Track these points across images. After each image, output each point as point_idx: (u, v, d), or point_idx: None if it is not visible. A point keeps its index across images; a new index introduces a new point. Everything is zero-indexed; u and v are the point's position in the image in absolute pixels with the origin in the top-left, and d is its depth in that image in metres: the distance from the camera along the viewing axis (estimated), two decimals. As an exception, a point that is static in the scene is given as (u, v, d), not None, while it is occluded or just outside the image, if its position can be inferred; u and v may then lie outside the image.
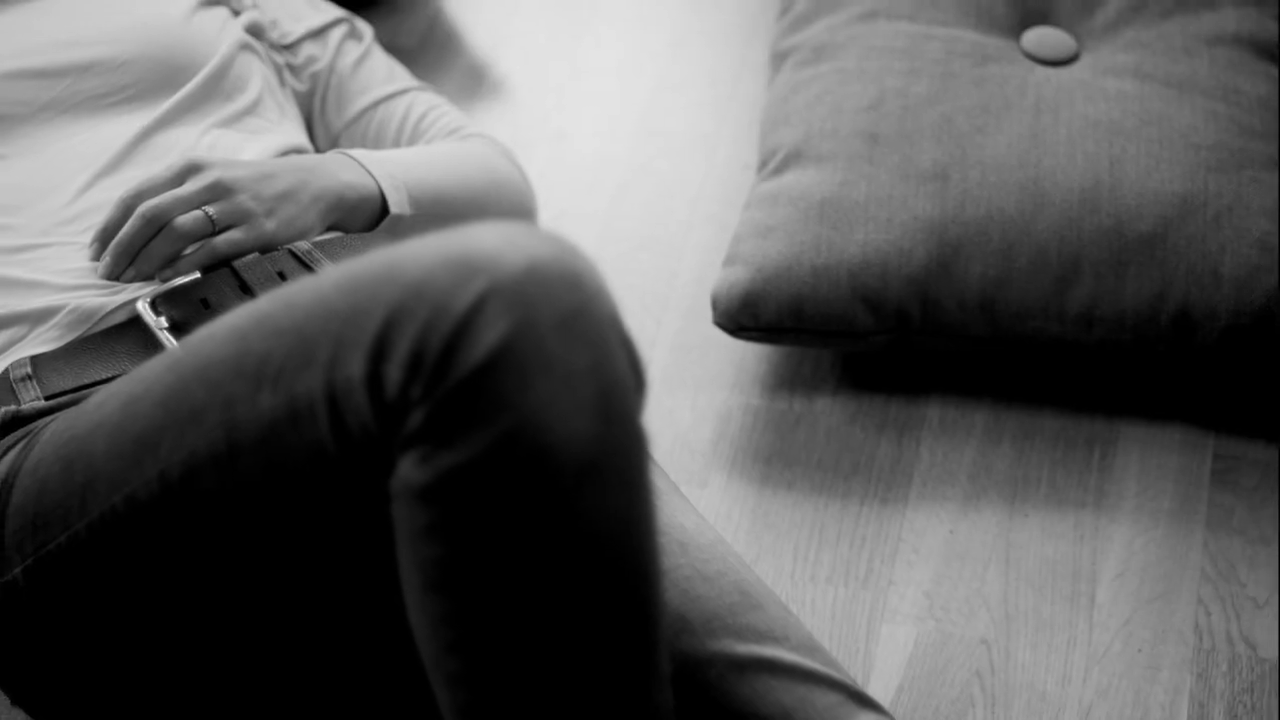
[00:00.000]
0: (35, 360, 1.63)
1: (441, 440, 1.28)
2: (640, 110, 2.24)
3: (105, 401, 1.49)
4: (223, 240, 1.67)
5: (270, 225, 1.69)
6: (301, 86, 1.97)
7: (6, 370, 1.63)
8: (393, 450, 1.31)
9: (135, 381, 1.47)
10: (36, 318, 1.65)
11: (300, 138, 1.88)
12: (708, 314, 2.02)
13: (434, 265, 1.30)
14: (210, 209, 1.67)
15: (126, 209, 1.67)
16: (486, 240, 1.30)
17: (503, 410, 1.27)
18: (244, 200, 1.69)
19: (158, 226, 1.66)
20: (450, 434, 1.27)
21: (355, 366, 1.31)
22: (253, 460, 1.38)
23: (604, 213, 2.13)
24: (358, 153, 1.80)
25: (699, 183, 2.16)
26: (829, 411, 1.96)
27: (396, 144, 1.97)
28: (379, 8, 2.32)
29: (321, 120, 1.99)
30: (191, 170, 1.69)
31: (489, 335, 1.27)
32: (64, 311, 1.65)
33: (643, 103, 2.25)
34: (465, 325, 1.27)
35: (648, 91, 2.26)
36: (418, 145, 1.97)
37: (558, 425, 1.27)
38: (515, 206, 1.95)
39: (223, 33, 1.88)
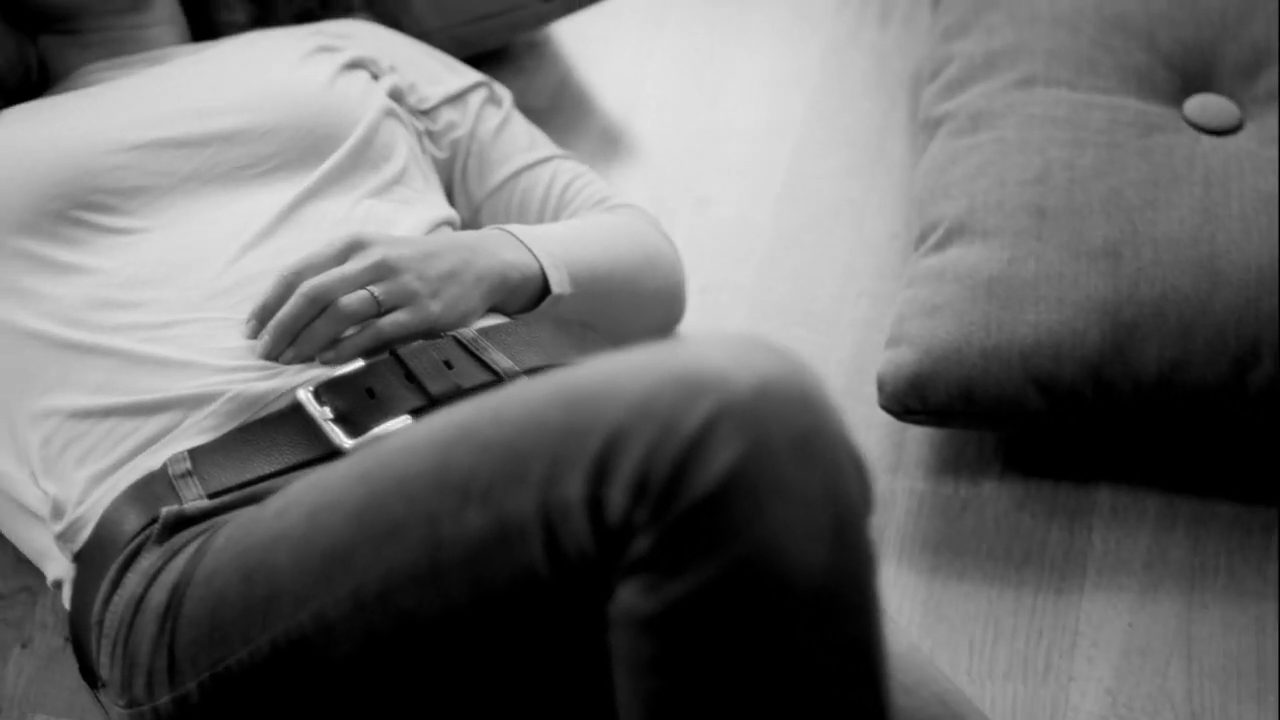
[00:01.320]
0: (194, 454, 1.56)
1: (669, 568, 1.22)
2: (782, 176, 2.17)
3: (286, 510, 1.42)
4: (388, 322, 1.61)
5: (435, 307, 1.63)
6: (441, 154, 1.91)
7: (165, 465, 1.57)
8: (612, 575, 1.25)
9: (320, 491, 1.40)
10: (191, 403, 1.59)
11: (448, 208, 1.82)
12: (867, 393, 1.96)
13: (658, 383, 1.24)
14: (375, 289, 1.61)
15: (288, 286, 1.61)
16: (712, 357, 1.24)
17: (736, 537, 1.21)
18: (409, 280, 1.63)
19: (321, 306, 1.60)
20: (679, 561, 1.21)
21: (573, 487, 1.25)
22: (457, 580, 1.31)
23: (752, 286, 2.06)
24: (516, 229, 1.74)
25: (849, 253, 2.09)
26: (996, 497, 1.89)
27: (541, 214, 1.91)
28: (506, 66, 2.26)
29: (463, 188, 1.92)
30: (355, 247, 1.63)
31: (721, 458, 1.21)
32: (222, 399, 1.58)
33: (784, 168, 2.18)
34: (695, 447, 1.21)
35: (789, 156, 2.19)
36: (564, 216, 1.91)
37: (793, 552, 1.21)
38: (668, 282, 1.89)
39: (366, 99, 1.82)
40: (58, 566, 1.65)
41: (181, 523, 1.54)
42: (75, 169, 1.71)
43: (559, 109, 2.24)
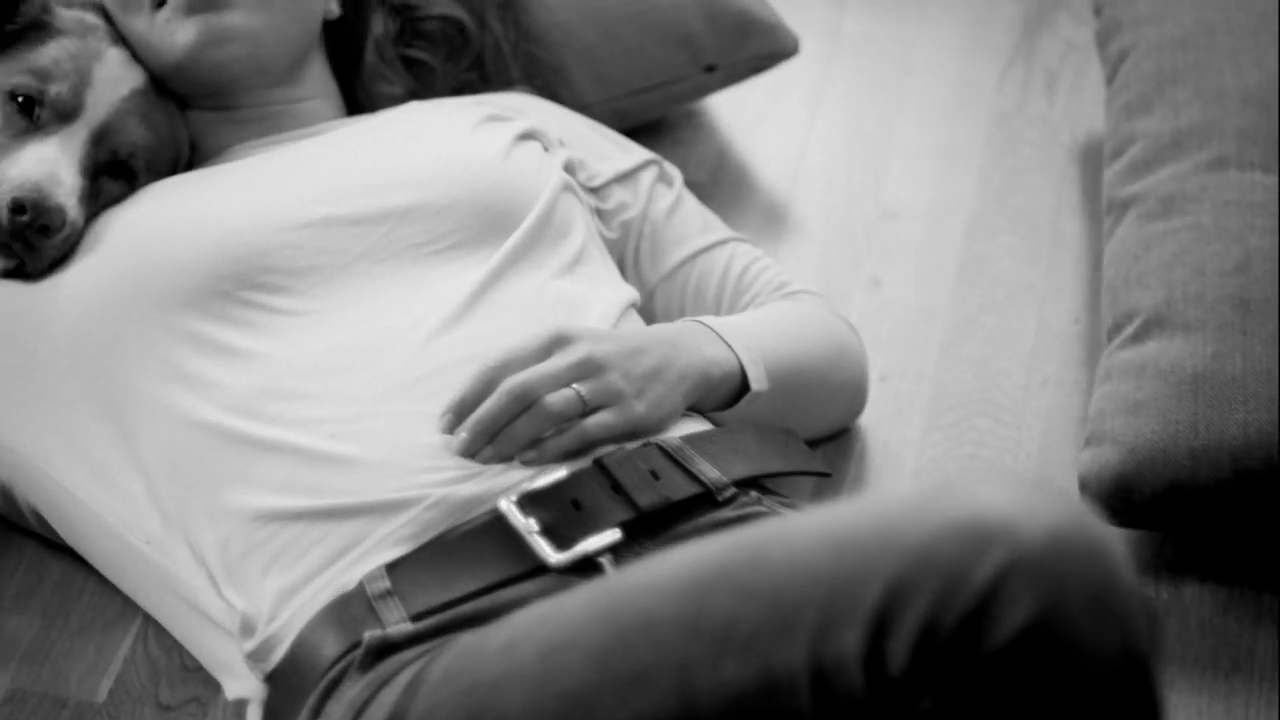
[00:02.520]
0: (393, 571, 1.49)
1: (955, 725, 1.15)
2: (955, 256, 2.11)
3: (514, 646, 1.35)
4: (594, 424, 1.55)
5: (640, 408, 1.57)
6: (612, 234, 1.84)
7: (361, 584, 1.50)
8: None
9: (553, 627, 1.33)
10: (386, 509, 1.51)
11: (630, 288, 1.75)
12: (1058, 489, 1.88)
13: (938, 530, 1.18)
14: (580, 387, 1.55)
15: (488, 382, 1.55)
16: (996, 504, 1.18)
17: (1028, 693, 1.15)
18: (614, 379, 1.56)
19: (525, 404, 1.53)
20: (966, 718, 1.15)
21: (850, 640, 1.18)
22: (712, 730, 1.25)
23: (933, 374, 1.99)
24: (712, 321, 1.68)
25: (1030, 340, 2.03)
26: (1199, 600, 1.82)
27: (719, 300, 1.84)
28: (663, 138, 2.19)
29: (635, 271, 1.85)
30: (558, 342, 1.57)
31: (1014, 614, 1.15)
32: (420, 505, 1.51)
33: (957, 248, 2.11)
34: (986, 602, 1.15)
35: (960, 235, 2.13)
36: (743, 303, 1.84)
37: (1088, 711, 1.15)
38: (855, 375, 1.83)
39: (542, 171, 1.75)
40: (242, 684, 1.57)
41: (386, 649, 1.47)
42: (245, 247, 1.65)
43: (719, 184, 2.17)
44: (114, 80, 1.78)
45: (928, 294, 2.08)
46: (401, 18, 1.97)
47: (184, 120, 1.85)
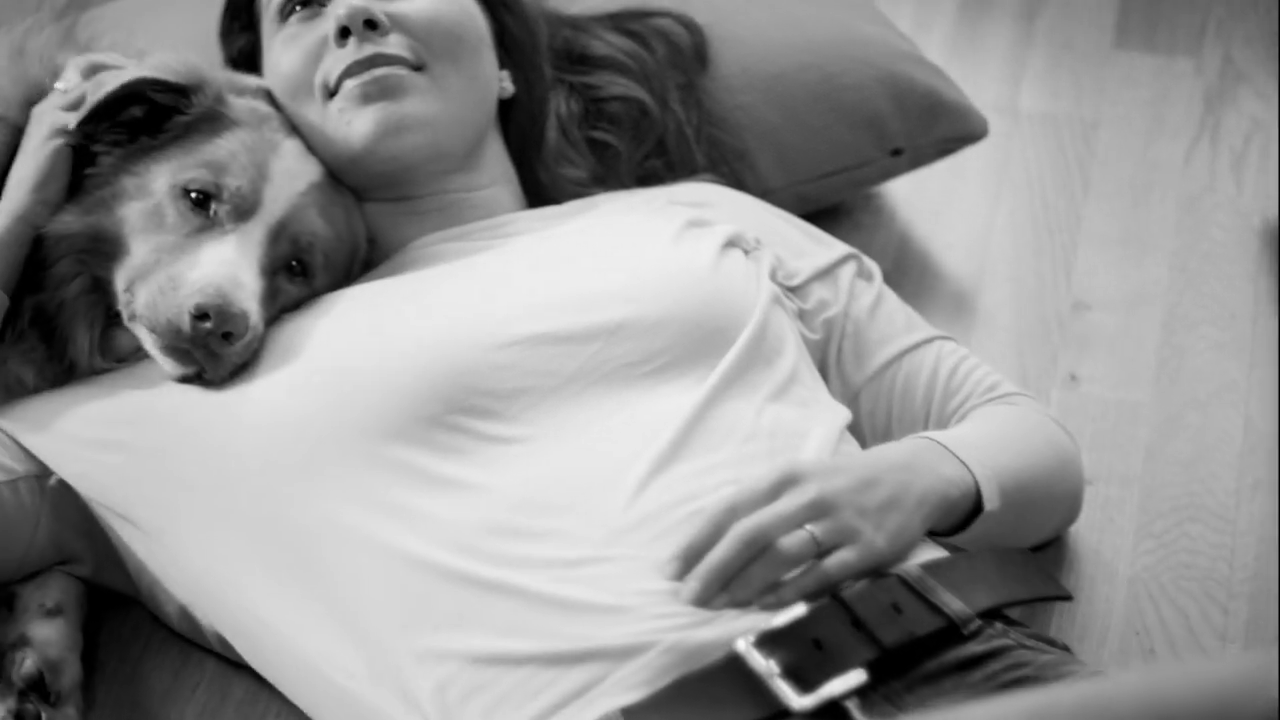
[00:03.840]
0: (630, 716, 1.42)
1: None
2: (1154, 350, 2.04)
3: None
4: (834, 564, 1.48)
5: (880, 542, 1.50)
6: (814, 335, 1.76)
7: None
8: None
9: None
10: (619, 654, 1.44)
11: (844, 407, 1.68)
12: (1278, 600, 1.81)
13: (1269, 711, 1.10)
14: (814, 528, 1.48)
15: (718, 527, 1.48)
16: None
17: None
18: (849, 516, 1.49)
19: (758, 549, 1.47)
20: None
21: None
22: None
23: (1140, 477, 1.92)
24: (944, 438, 1.60)
25: (1238, 440, 1.95)
26: None
27: (928, 403, 1.76)
28: (843, 223, 2.13)
29: (838, 372, 1.78)
30: (788, 482, 1.50)
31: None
32: (655, 650, 1.44)
33: (1154, 341, 2.04)
34: None
35: (1157, 328, 2.05)
36: (953, 406, 1.76)
37: None
38: (1076, 485, 1.76)
39: (751, 284, 1.68)
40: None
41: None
42: (451, 369, 1.57)
43: (904, 271, 2.11)
44: (291, 174, 1.71)
45: (1128, 390, 2.00)
46: (583, 98, 1.90)
47: (361, 212, 1.78)
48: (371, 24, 1.73)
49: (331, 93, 1.73)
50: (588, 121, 1.90)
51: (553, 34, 1.90)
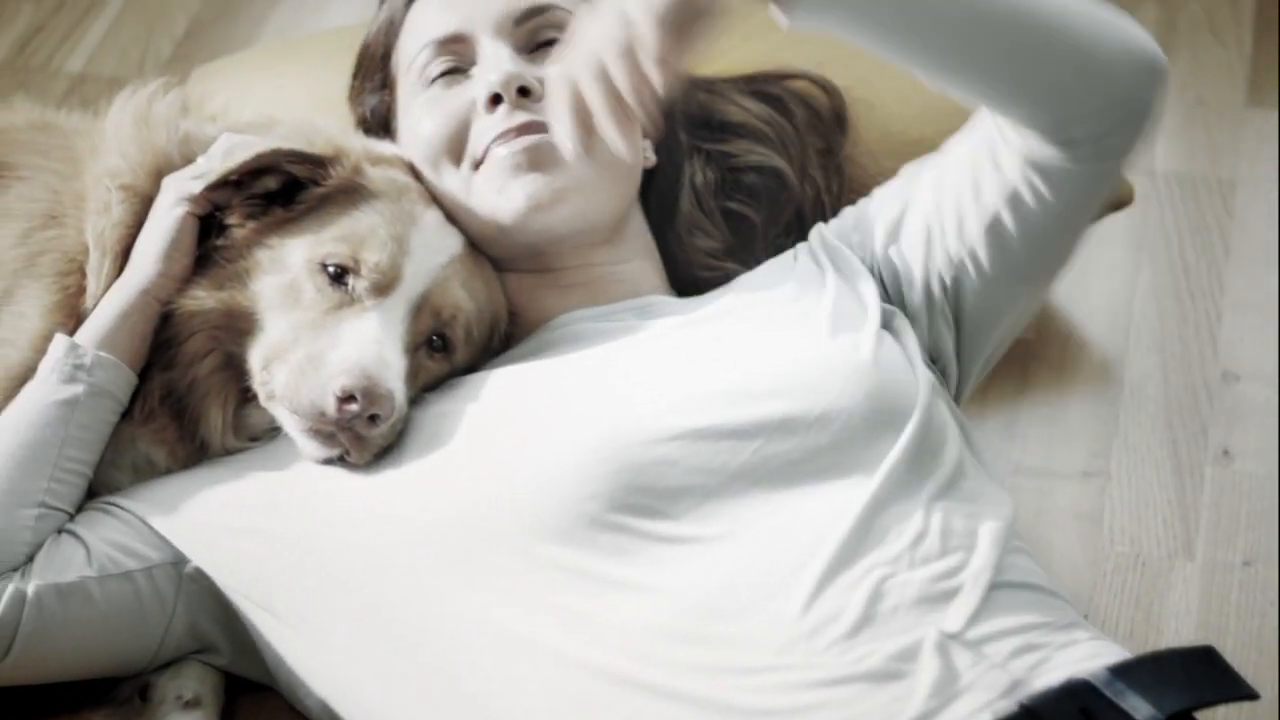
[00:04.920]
0: None
1: None
2: (1308, 423, 1.98)
3: None
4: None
5: None
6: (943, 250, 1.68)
7: None
8: None
9: None
10: None
11: (1008, 500, 1.61)
12: None
13: None
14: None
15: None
16: None
17: None
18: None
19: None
20: None
21: None
22: None
23: (1297, 563, 1.87)
24: None
25: (1401, 519, 1.90)
26: None
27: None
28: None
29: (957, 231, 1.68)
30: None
31: None
32: None
33: (1309, 414, 1.99)
34: None
35: (1311, 400, 2.00)
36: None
37: None
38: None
39: (908, 373, 1.61)
40: None
41: None
42: (612, 466, 1.51)
43: (1047, 341, 2.06)
44: (432, 247, 1.65)
45: (1285, 466, 1.96)
46: (719, 167, 1.84)
47: (501, 285, 1.72)
48: (525, 91, 1.68)
49: (478, 161, 1.68)
50: (723, 192, 1.84)
51: (687, 98, 1.84)
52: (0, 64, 2.51)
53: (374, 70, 1.82)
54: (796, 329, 1.64)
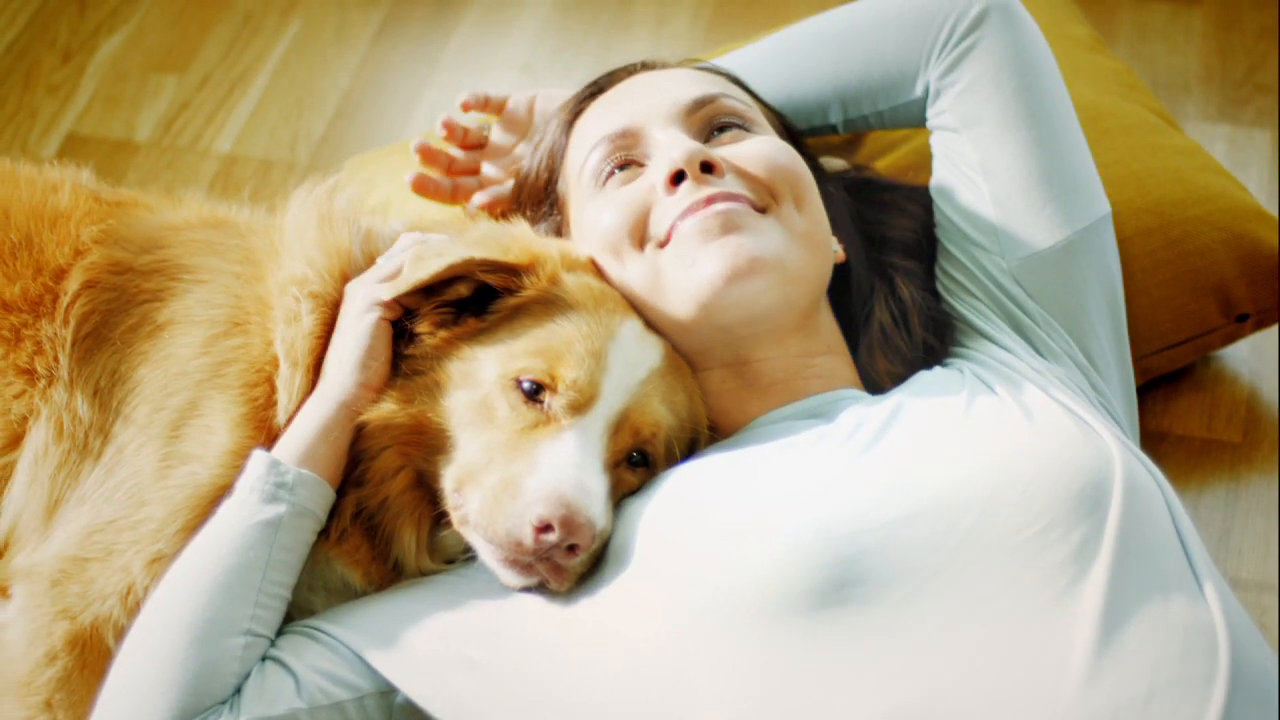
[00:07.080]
0: None
1: None
2: None
3: None
4: None
5: None
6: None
7: None
8: None
9: None
10: None
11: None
12: None
13: None
14: None
15: None
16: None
17: None
18: None
19: None
20: None
21: None
22: None
23: None
24: None
25: None
26: None
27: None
28: (1183, 388, 2.03)
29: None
30: None
31: None
32: None
33: None
34: None
35: None
36: None
37: None
38: None
39: (1096, 439, 1.53)
40: None
41: None
42: (824, 556, 1.45)
43: (1259, 435, 1.99)
44: (631, 362, 1.58)
45: None
46: (924, 290, 1.76)
47: (701, 395, 1.65)
48: (708, 167, 1.62)
49: (663, 241, 1.62)
50: (927, 313, 1.75)
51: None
52: (147, 143, 2.44)
53: (538, 199, 1.77)
54: (999, 425, 1.57)
